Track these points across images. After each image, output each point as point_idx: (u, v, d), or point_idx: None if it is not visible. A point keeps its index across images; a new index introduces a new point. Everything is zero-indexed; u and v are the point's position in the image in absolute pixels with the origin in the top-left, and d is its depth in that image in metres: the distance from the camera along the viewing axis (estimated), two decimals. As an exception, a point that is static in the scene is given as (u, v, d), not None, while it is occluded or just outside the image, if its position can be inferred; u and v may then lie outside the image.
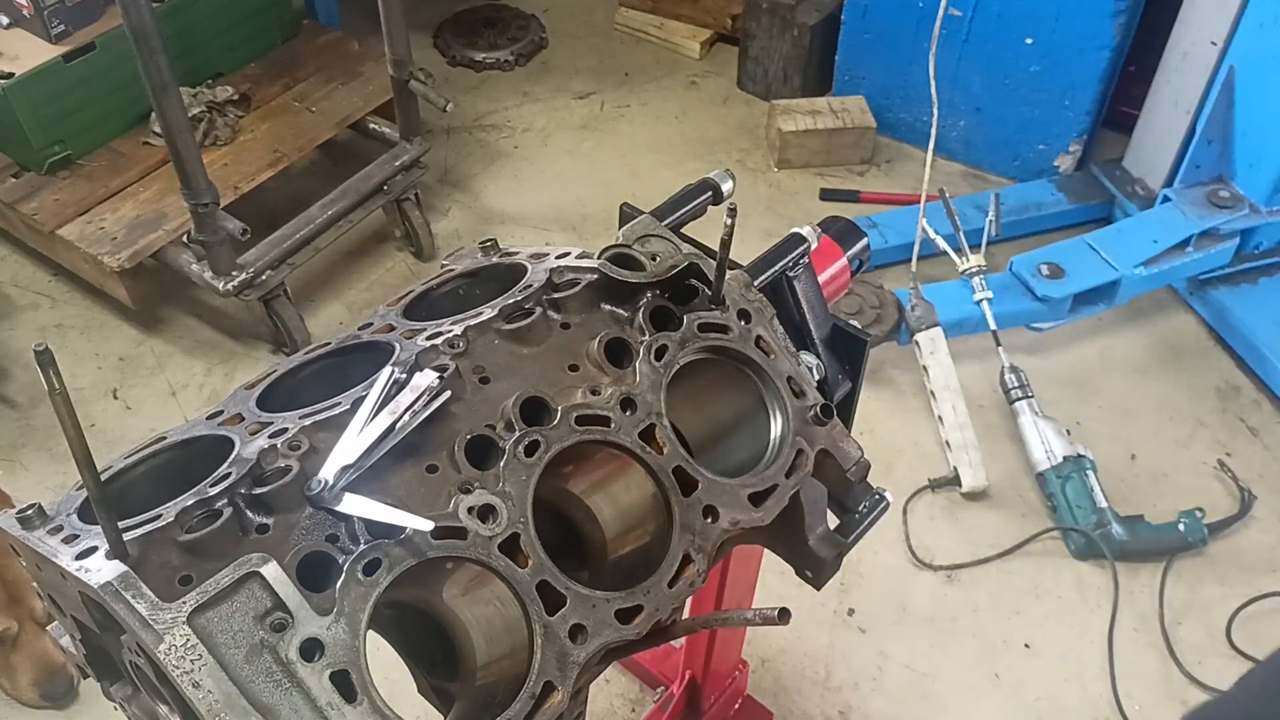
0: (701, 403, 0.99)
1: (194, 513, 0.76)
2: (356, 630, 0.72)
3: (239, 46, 2.90)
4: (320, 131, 2.80)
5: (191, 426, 0.89)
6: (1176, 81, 2.77)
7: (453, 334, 0.92)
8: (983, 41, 2.97)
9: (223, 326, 2.74)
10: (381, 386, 0.79)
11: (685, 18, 3.66)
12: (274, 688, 0.69)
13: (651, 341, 0.94)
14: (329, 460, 0.77)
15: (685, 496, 0.89)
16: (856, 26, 3.18)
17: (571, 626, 0.81)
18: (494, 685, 0.83)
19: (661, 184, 3.00)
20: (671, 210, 1.16)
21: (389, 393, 0.79)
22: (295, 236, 2.55)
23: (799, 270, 1.15)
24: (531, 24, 3.71)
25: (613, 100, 3.47)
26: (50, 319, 2.75)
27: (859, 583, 2.26)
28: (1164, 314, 2.77)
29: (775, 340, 1.01)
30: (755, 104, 3.45)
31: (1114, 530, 2.27)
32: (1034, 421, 2.42)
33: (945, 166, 3.22)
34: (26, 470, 2.42)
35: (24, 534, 0.78)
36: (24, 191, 2.58)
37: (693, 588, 0.89)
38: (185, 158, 2.16)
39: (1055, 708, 2.09)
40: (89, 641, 0.85)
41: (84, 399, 2.55)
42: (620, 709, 2.08)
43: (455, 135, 3.31)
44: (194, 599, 0.69)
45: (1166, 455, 2.50)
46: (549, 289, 0.97)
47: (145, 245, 2.47)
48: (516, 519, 0.81)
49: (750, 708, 2.01)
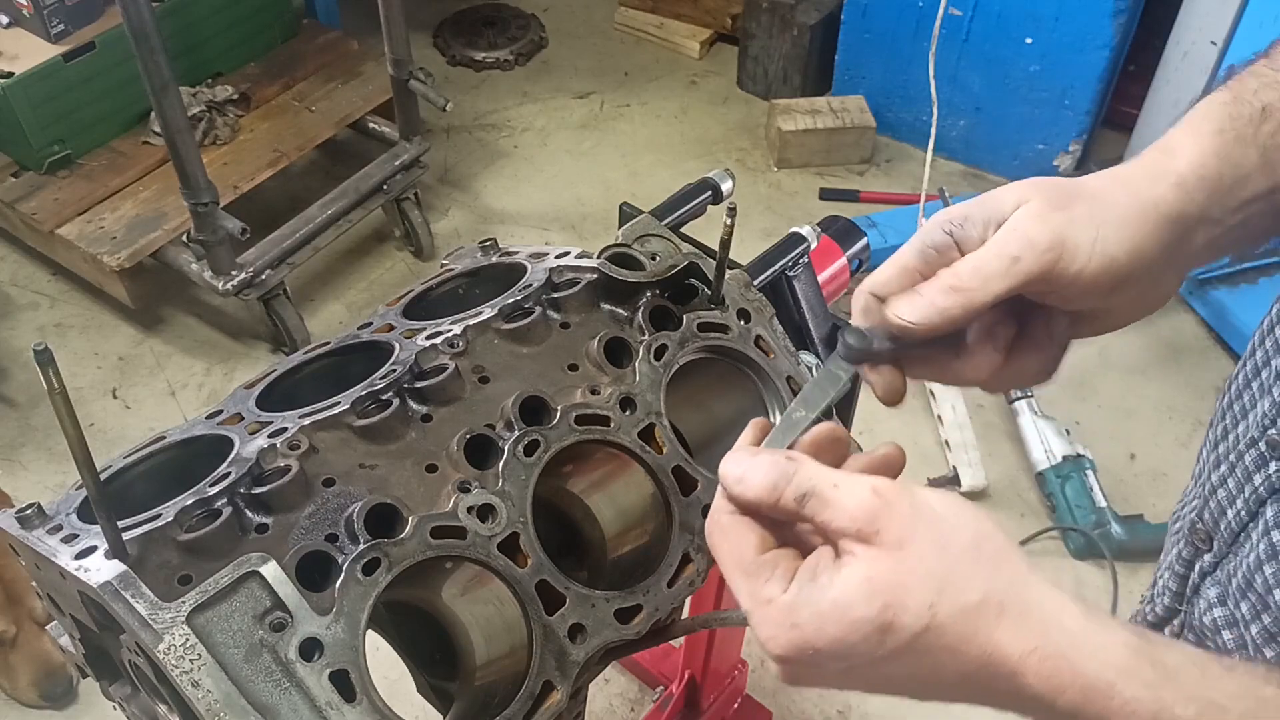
0: (701, 402, 0.99)
1: (193, 512, 0.76)
2: (356, 630, 0.72)
3: (239, 46, 2.90)
4: (320, 131, 2.80)
5: (191, 426, 0.89)
6: (1176, 81, 2.77)
7: (452, 333, 0.92)
8: (982, 41, 2.97)
9: (222, 326, 2.74)
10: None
11: (685, 17, 3.66)
12: (273, 687, 0.69)
13: (651, 341, 0.94)
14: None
15: (685, 496, 0.89)
16: (856, 26, 3.18)
17: (571, 626, 0.81)
18: (493, 685, 0.82)
19: (661, 183, 3.00)
20: (671, 210, 1.16)
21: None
22: (295, 236, 2.55)
23: (799, 270, 1.15)
24: (531, 24, 3.71)
25: (612, 100, 3.47)
26: (50, 318, 2.75)
27: (858, 582, 2.26)
28: (1163, 313, 2.77)
29: (775, 340, 1.01)
30: (755, 103, 3.45)
31: (1113, 530, 2.27)
32: (1033, 421, 2.42)
33: (945, 166, 3.22)
34: (26, 470, 2.42)
35: (23, 533, 0.78)
36: (23, 191, 2.58)
37: (692, 587, 0.89)
38: (185, 157, 2.16)
39: (1055, 707, 2.09)
40: (88, 641, 0.85)
41: (83, 398, 2.55)
42: (619, 708, 2.08)
43: (455, 135, 3.31)
44: (193, 598, 0.69)
45: (1166, 455, 2.50)
46: (548, 288, 0.97)
47: (145, 245, 2.47)
48: (516, 518, 0.81)
49: (749, 707, 2.01)
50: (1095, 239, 0.63)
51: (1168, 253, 0.65)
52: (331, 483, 0.80)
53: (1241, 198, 0.66)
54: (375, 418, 0.84)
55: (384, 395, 0.86)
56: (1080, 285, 0.64)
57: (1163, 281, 0.68)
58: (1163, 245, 0.65)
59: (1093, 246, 0.63)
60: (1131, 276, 0.64)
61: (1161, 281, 0.68)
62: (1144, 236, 0.64)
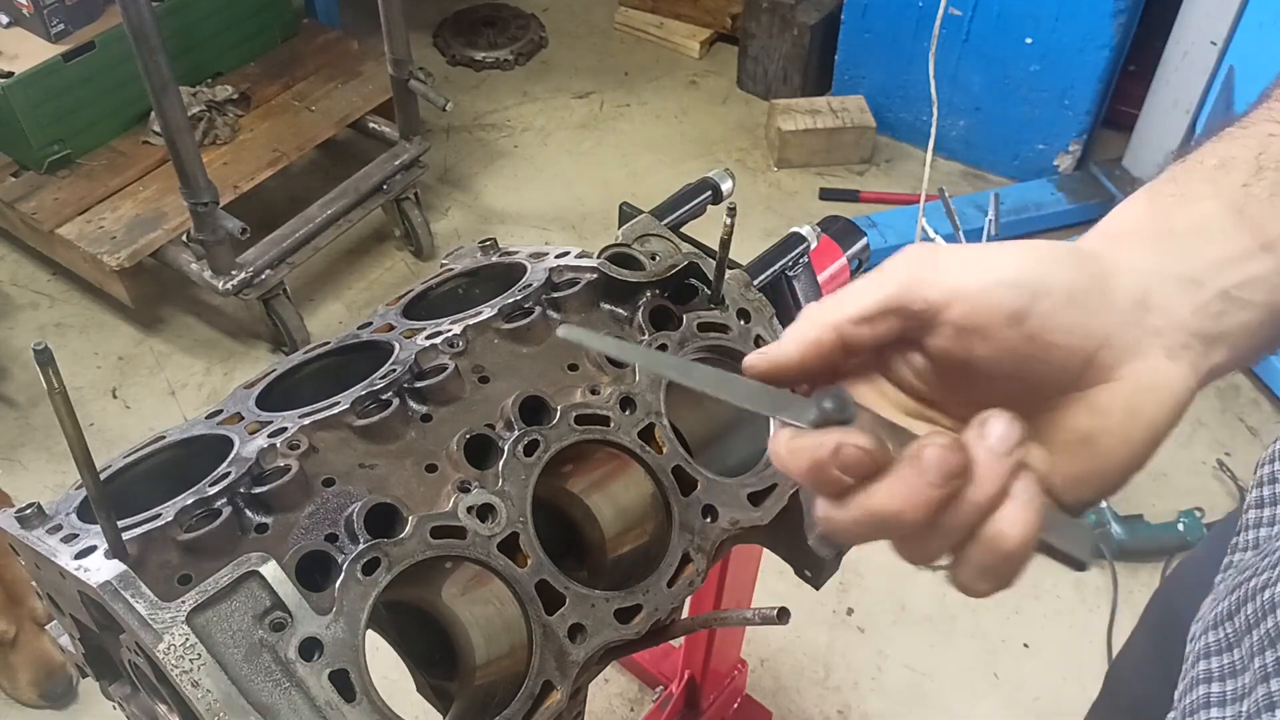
0: (701, 402, 0.99)
1: (193, 512, 0.76)
2: (356, 629, 0.72)
3: (238, 45, 2.90)
4: (320, 131, 2.80)
5: (191, 426, 0.89)
6: (1176, 81, 2.77)
7: (452, 333, 0.92)
8: (982, 41, 2.97)
9: (222, 326, 2.74)
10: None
11: (685, 17, 3.66)
12: (273, 687, 0.69)
13: (651, 341, 0.94)
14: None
15: (684, 496, 0.89)
16: (856, 26, 3.18)
17: (570, 626, 0.81)
18: (493, 685, 0.83)
19: (661, 183, 3.00)
20: (671, 209, 1.16)
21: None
22: (295, 236, 2.55)
23: (798, 270, 1.15)
24: (531, 23, 3.71)
25: (612, 100, 3.47)
26: (49, 318, 2.75)
27: (858, 582, 2.26)
28: (1163, 314, 2.77)
29: (775, 339, 1.01)
30: (755, 103, 3.45)
31: (1113, 530, 2.27)
32: (1033, 421, 2.42)
33: (945, 166, 3.22)
34: (26, 469, 2.42)
35: (23, 533, 0.78)
36: (23, 190, 2.58)
37: (692, 587, 0.89)
38: (185, 157, 2.16)
39: (1054, 708, 2.09)
40: (88, 641, 0.85)
41: (83, 398, 2.55)
42: (619, 708, 2.08)
43: (455, 135, 3.31)
44: (193, 598, 0.69)
45: (1166, 455, 2.48)
46: (548, 288, 0.97)
47: (145, 244, 2.47)
48: (515, 518, 0.81)
49: (749, 707, 2.01)
50: (979, 259, 0.53)
51: (1092, 293, 0.52)
52: (331, 482, 0.80)
53: (1213, 257, 0.54)
54: (375, 417, 0.84)
55: (384, 395, 0.86)
56: (967, 307, 0.52)
57: (1123, 349, 0.52)
58: (1079, 276, 0.52)
59: (974, 262, 0.53)
60: (1043, 308, 0.51)
61: (1117, 348, 0.52)
62: (1043, 261, 0.53)
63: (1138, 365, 0.52)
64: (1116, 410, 0.53)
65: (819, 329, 0.55)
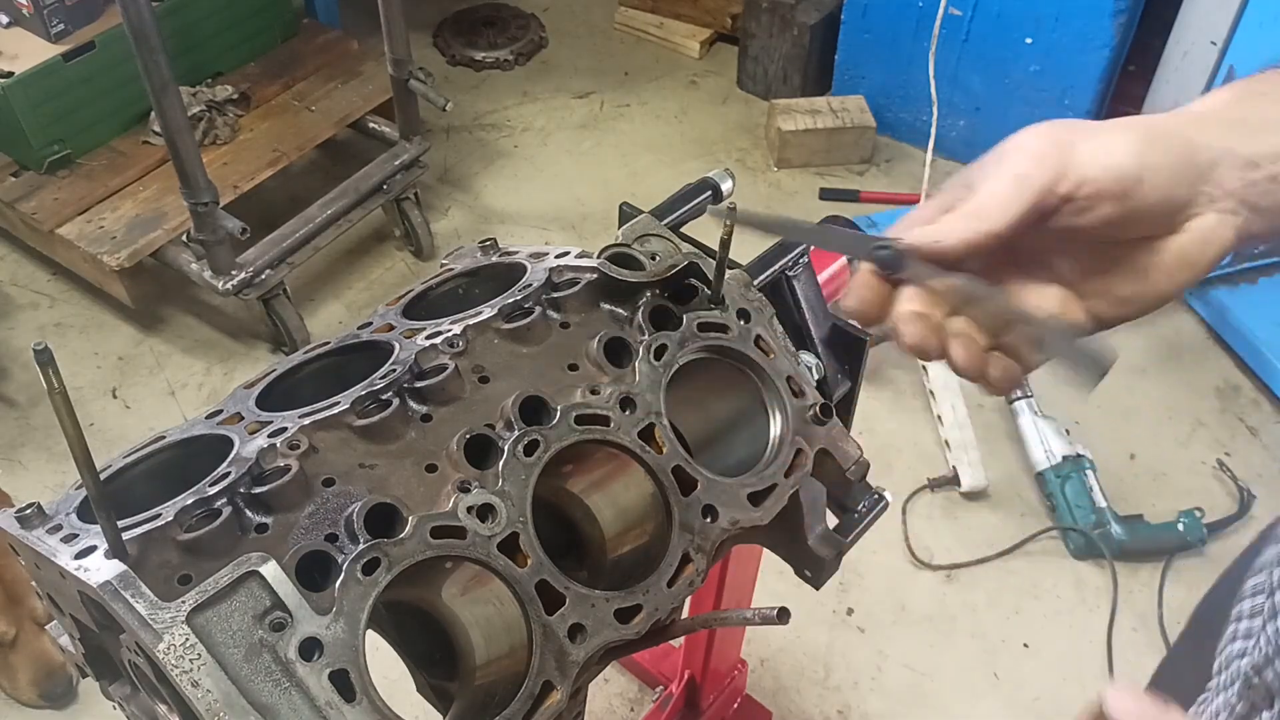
0: (701, 402, 0.99)
1: (193, 512, 0.76)
2: (356, 629, 0.72)
3: (238, 45, 2.90)
4: (320, 131, 2.80)
5: (190, 426, 0.89)
6: (1176, 81, 2.77)
7: (452, 333, 0.92)
8: (982, 41, 2.97)
9: (222, 326, 2.74)
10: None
11: (685, 17, 3.66)
12: (273, 687, 0.69)
13: (651, 341, 0.94)
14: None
15: (684, 496, 0.89)
16: (856, 26, 3.18)
17: (570, 626, 0.81)
18: (493, 685, 0.82)
19: (661, 183, 3.00)
20: (671, 209, 1.16)
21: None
22: (295, 236, 2.55)
23: (799, 270, 1.15)
24: (531, 23, 3.71)
25: (612, 100, 3.47)
26: (49, 318, 2.75)
27: (858, 582, 2.26)
28: (1163, 313, 2.77)
29: (775, 340, 1.01)
30: (755, 103, 3.45)
31: (1113, 530, 2.27)
32: (1033, 421, 2.42)
33: (945, 166, 3.22)
34: (26, 469, 2.42)
35: (23, 533, 0.78)
36: (23, 190, 2.58)
37: (692, 587, 0.89)
38: (185, 157, 2.16)
39: (1054, 708, 2.09)
40: (88, 641, 0.85)
41: (83, 398, 2.55)
42: (619, 708, 2.08)
43: (455, 135, 3.31)
44: (193, 598, 0.69)
45: (1166, 455, 2.50)
46: (548, 288, 0.97)
47: (145, 244, 2.47)
48: (515, 518, 0.81)
49: (749, 707, 2.01)
50: (1096, 146, 0.66)
51: (1181, 169, 0.66)
52: (331, 482, 0.80)
53: (1272, 147, 0.67)
54: (375, 417, 0.84)
55: (384, 395, 0.86)
56: (1091, 190, 0.65)
57: (1189, 207, 0.67)
58: (1172, 157, 0.66)
59: (1094, 149, 0.66)
60: (1144, 186, 0.65)
61: (1186, 207, 0.67)
62: (1147, 145, 0.66)
63: (1198, 222, 0.67)
64: (1173, 253, 0.67)
65: (983, 238, 0.67)
